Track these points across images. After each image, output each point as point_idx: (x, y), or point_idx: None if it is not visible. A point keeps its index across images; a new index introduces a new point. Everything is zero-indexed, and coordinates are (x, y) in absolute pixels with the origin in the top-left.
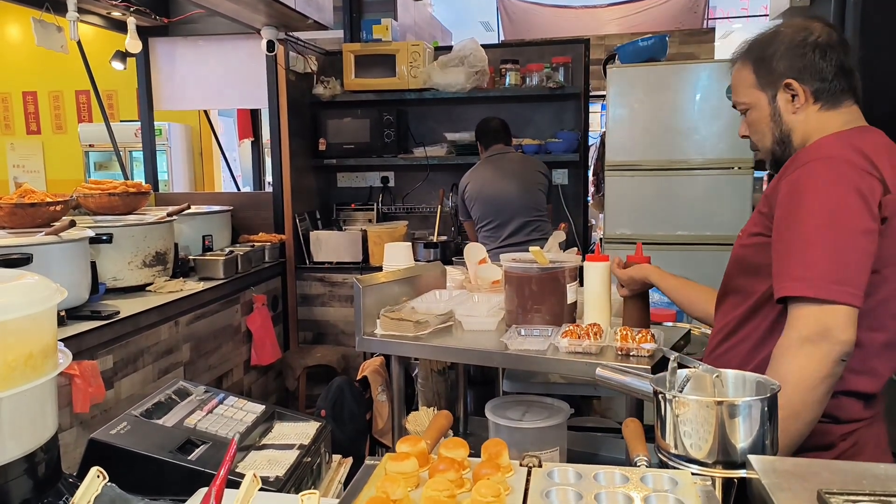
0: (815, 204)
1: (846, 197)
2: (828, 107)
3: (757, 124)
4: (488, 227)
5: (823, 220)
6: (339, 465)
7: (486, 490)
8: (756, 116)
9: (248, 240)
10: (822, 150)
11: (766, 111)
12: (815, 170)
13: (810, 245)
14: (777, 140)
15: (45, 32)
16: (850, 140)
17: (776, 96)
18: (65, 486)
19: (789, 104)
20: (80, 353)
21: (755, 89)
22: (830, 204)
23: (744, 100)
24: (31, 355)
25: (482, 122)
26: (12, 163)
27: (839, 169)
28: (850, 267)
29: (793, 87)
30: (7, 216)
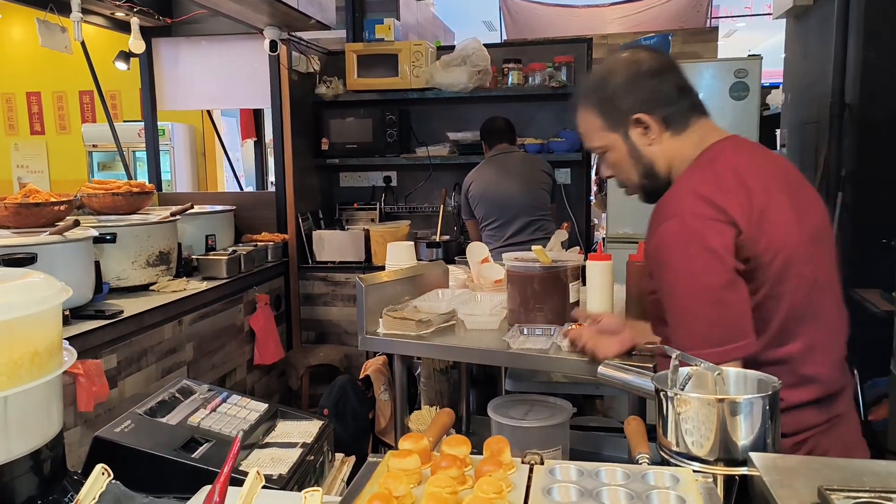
0: (673, 274)
1: (699, 258)
2: (679, 129)
3: (619, 164)
4: (492, 227)
5: (685, 287)
6: (341, 463)
7: (488, 487)
8: (615, 157)
9: (251, 239)
10: (670, 206)
11: (623, 150)
12: (666, 234)
13: (683, 315)
14: (643, 174)
15: (49, 33)
16: (696, 186)
17: (628, 133)
18: (70, 483)
19: (643, 137)
20: (84, 353)
21: (606, 132)
22: (685, 270)
23: (597, 144)
24: (36, 353)
25: (487, 121)
26: (16, 163)
27: (688, 229)
28: (727, 323)
29: (643, 121)
30: (12, 216)
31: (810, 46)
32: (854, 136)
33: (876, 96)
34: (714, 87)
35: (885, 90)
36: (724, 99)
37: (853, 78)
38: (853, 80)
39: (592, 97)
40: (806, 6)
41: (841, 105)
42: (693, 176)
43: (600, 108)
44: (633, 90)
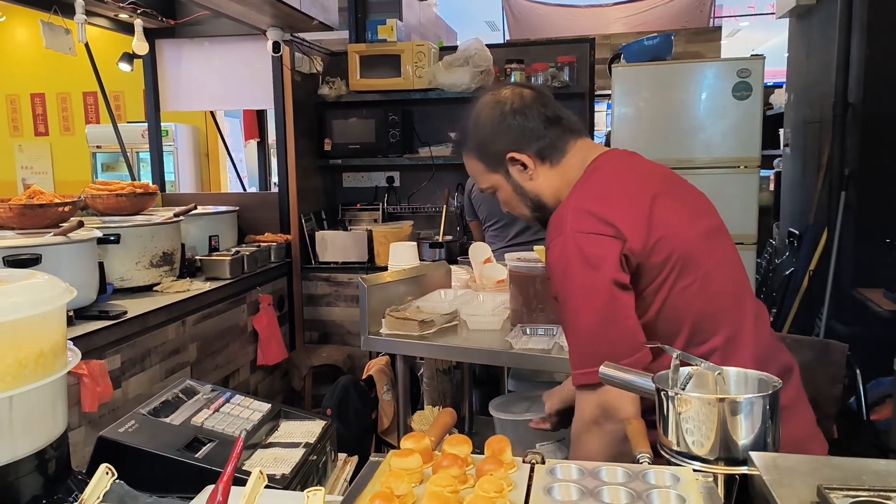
0: (561, 294)
1: (580, 277)
2: (556, 159)
3: (509, 201)
4: (495, 227)
5: (573, 308)
6: (344, 463)
7: (489, 486)
8: (504, 195)
9: (254, 240)
10: (555, 225)
11: (508, 188)
12: (553, 254)
13: (572, 335)
14: (532, 207)
15: (53, 35)
16: (578, 201)
17: (509, 172)
18: (74, 483)
19: (523, 174)
20: (88, 353)
21: (489, 173)
22: (570, 291)
23: (485, 185)
24: (41, 353)
25: None
26: (20, 164)
27: (569, 246)
28: (615, 340)
29: (517, 159)
30: (16, 217)
31: (813, 46)
32: (857, 136)
33: (879, 95)
34: (717, 87)
35: (889, 89)
36: (726, 99)
37: (856, 77)
38: (856, 79)
39: (469, 143)
40: (809, 5)
41: (844, 104)
42: (575, 192)
43: (477, 152)
44: (500, 132)
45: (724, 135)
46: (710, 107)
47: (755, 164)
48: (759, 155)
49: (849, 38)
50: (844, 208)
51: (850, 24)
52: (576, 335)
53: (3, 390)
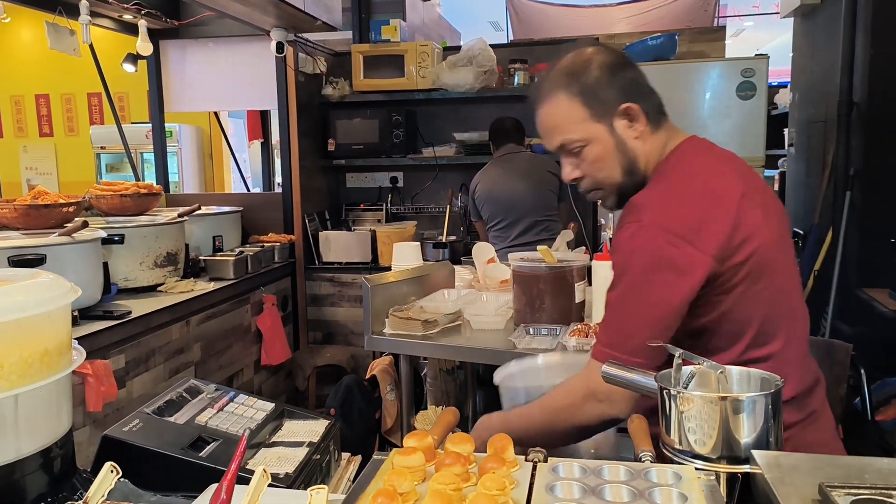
0: (622, 272)
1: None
2: (655, 125)
3: (601, 160)
4: (498, 227)
5: (627, 292)
6: (348, 462)
7: (491, 484)
8: (598, 151)
9: (258, 240)
10: (640, 209)
11: (609, 143)
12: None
13: (614, 315)
14: (626, 171)
15: (58, 36)
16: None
17: (613, 125)
18: (79, 481)
19: (629, 129)
20: (92, 353)
21: (590, 122)
22: (633, 274)
23: (577, 137)
24: (46, 352)
25: (495, 121)
26: (25, 165)
27: (647, 237)
28: (638, 337)
29: (632, 111)
30: (21, 217)
31: (818, 45)
32: (862, 135)
33: (884, 95)
34: (721, 87)
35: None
36: (731, 98)
37: (861, 77)
38: (861, 78)
39: (573, 86)
40: (813, 5)
41: (849, 104)
42: (662, 184)
43: (584, 96)
44: (615, 79)
45: (729, 134)
46: (715, 106)
47: (759, 163)
48: (764, 155)
49: (853, 37)
50: (849, 208)
51: (855, 24)
52: (617, 319)
53: (9, 389)
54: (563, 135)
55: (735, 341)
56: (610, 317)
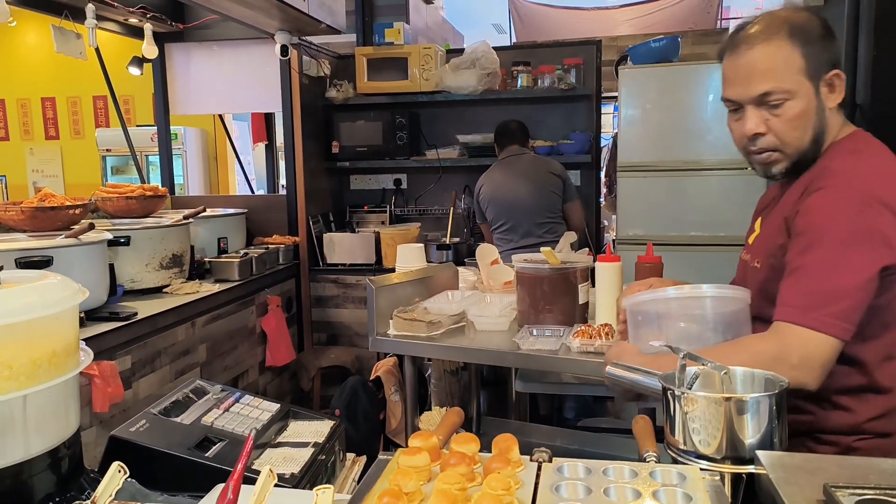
0: (822, 235)
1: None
2: (839, 103)
3: (800, 118)
4: (501, 230)
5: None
6: (353, 463)
7: (496, 483)
8: (799, 109)
9: (263, 242)
10: (836, 177)
11: (812, 103)
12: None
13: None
14: (814, 138)
15: (64, 39)
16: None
17: (819, 87)
18: (87, 481)
19: (829, 97)
20: (99, 354)
21: (803, 77)
22: (838, 238)
23: (789, 87)
24: (54, 353)
25: (500, 123)
26: (32, 167)
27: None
28: (847, 302)
29: (839, 80)
30: (28, 219)
31: None
32: None
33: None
34: None
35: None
36: None
37: (864, 78)
38: (864, 80)
39: (799, 34)
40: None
41: (852, 105)
42: (853, 156)
43: (805, 49)
44: (832, 43)
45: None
46: (718, 108)
47: None
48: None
49: (856, 39)
50: None
51: (858, 26)
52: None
53: (17, 389)
54: (774, 82)
55: (889, 330)
56: (807, 279)
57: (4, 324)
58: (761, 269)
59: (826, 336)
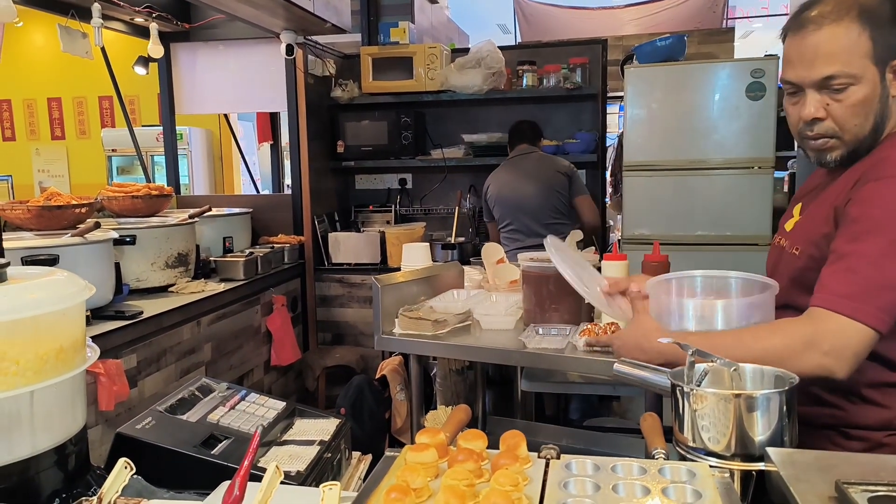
0: (877, 226)
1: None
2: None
3: (862, 104)
4: (507, 229)
5: (882, 244)
6: (358, 461)
7: (504, 480)
8: (863, 94)
9: (268, 241)
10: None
11: (876, 89)
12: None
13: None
14: (874, 126)
15: (70, 39)
16: None
17: (885, 74)
18: (93, 477)
19: (893, 85)
20: (104, 353)
21: (869, 61)
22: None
23: (853, 71)
24: (61, 349)
25: (514, 123)
26: (38, 167)
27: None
28: (892, 294)
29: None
30: (34, 218)
31: None
32: None
33: None
34: (730, 88)
35: None
36: (740, 99)
37: None
38: None
39: (868, 17)
40: None
41: None
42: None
43: (875, 32)
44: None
45: (738, 136)
46: (724, 107)
47: (769, 164)
48: (774, 156)
49: None
50: None
51: None
52: (870, 272)
53: (24, 385)
54: (839, 65)
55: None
56: (856, 268)
57: (11, 319)
58: (800, 257)
59: (865, 327)
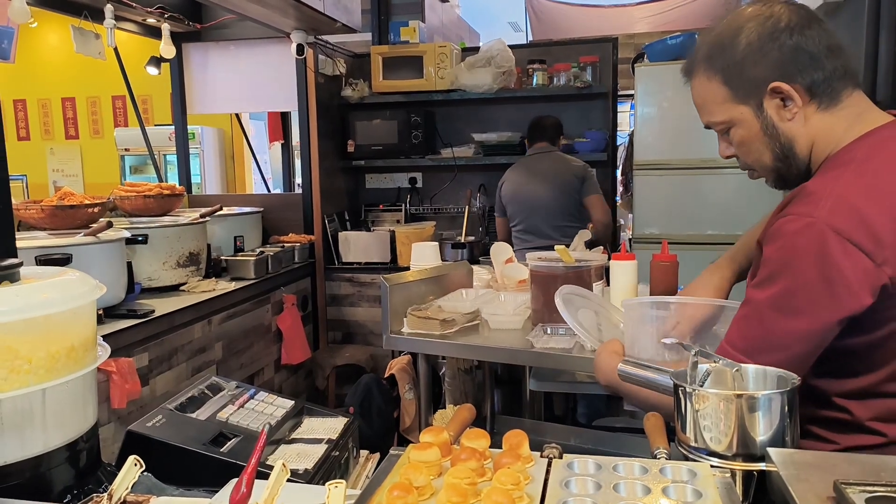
0: (773, 273)
1: (808, 275)
2: (828, 102)
3: (747, 143)
4: (517, 228)
5: (776, 294)
6: (366, 459)
7: (505, 478)
8: (743, 134)
9: (279, 240)
10: (812, 199)
11: (754, 126)
12: (792, 227)
13: (751, 314)
14: (778, 156)
15: (84, 40)
16: (844, 191)
17: (762, 105)
18: (104, 474)
19: (781, 111)
20: (117, 351)
21: (732, 104)
22: (789, 279)
23: (720, 119)
24: (73, 348)
25: (535, 117)
26: (52, 167)
27: (814, 238)
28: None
29: (781, 91)
30: (48, 218)
31: None
32: None
33: None
34: None
35: None
36: None
37: (884, 75)
38: (884, 76)
39: (715, 62)
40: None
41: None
42: (844, 168)
43: (725, 75)
44: (768, 52)
45: None
46: None
47: None
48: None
49: (877, 35)
50: None
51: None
52: (763, 324)
53: (37, 383)
54: (707, 115)
55: (876, 370)
56: (753, 318)
57: (24, 318)
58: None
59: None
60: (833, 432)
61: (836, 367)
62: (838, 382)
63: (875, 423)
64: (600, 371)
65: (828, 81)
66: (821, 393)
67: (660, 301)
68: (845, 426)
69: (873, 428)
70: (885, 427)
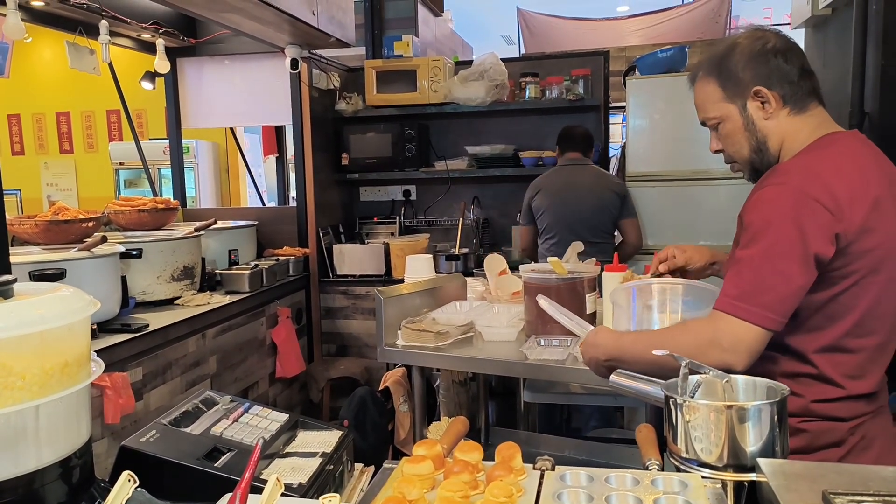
0: (755, 233)
1: (786, 232)
2: (796, 110)
3: (731, 136)
4: (550, 241)
5: (760, 248)
6: (360, 473)
7: (498, 491)
8: (729, 128)
9: (273, 254)
10: (780, 173)
11: (738, 122)
12: (766, 195)
13: (741, 269)
14: (754, 148)
15: (78, 55)
16: (811, 162)
17: (746, 105)
18: (97, 490)
19: (760, 111)
20: (110, 366)
21: (724, 102)
22: (769, 236)
23: (714, 114)
24: (66, 364)
25: (566, 126)
26: (46, 181)
27: (788, 200)
28: (772, 292)
29: (762, 94)
30: (42, 232)
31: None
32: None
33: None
34: None
35: None
36: None
37: (872, 87)
38: (872, 88)
39: (714, 67)
40: (825, 16)
41: (860, 114)
42: (810, 153)
43: (721, 78)
44: (756, 64)
45: None
46: None
47: None
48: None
49: (864, 48)
50: None
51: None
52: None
53: (30, 399)
54: (704, 112)
55: (834, 324)
56: (743, 271)
57: (17, 335)
58: (729, 262)
59: (753, 325)
60: (802, 387)
61: (806, 322)
62: (809, 338)
63: (838, 377)
64: (598, 347)
65: (799, 94)
66: (794, 350)
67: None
68: (814, 379)
69: (836, 381)
70: (846, 381)
